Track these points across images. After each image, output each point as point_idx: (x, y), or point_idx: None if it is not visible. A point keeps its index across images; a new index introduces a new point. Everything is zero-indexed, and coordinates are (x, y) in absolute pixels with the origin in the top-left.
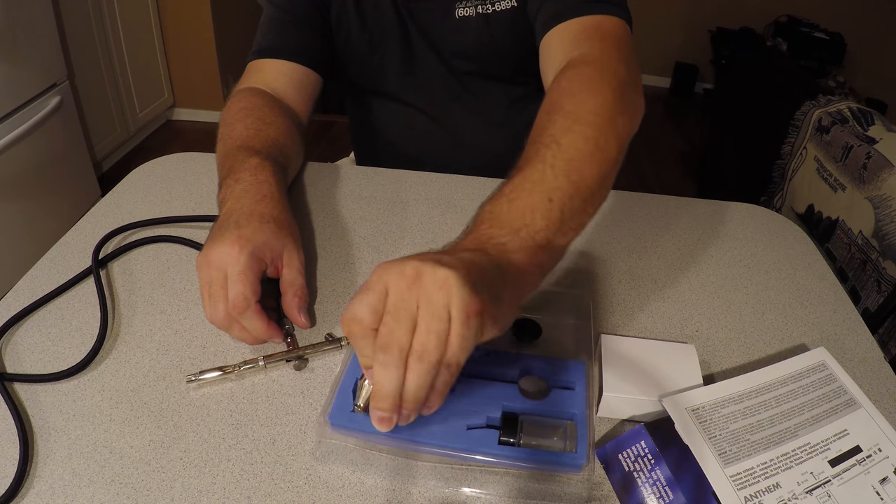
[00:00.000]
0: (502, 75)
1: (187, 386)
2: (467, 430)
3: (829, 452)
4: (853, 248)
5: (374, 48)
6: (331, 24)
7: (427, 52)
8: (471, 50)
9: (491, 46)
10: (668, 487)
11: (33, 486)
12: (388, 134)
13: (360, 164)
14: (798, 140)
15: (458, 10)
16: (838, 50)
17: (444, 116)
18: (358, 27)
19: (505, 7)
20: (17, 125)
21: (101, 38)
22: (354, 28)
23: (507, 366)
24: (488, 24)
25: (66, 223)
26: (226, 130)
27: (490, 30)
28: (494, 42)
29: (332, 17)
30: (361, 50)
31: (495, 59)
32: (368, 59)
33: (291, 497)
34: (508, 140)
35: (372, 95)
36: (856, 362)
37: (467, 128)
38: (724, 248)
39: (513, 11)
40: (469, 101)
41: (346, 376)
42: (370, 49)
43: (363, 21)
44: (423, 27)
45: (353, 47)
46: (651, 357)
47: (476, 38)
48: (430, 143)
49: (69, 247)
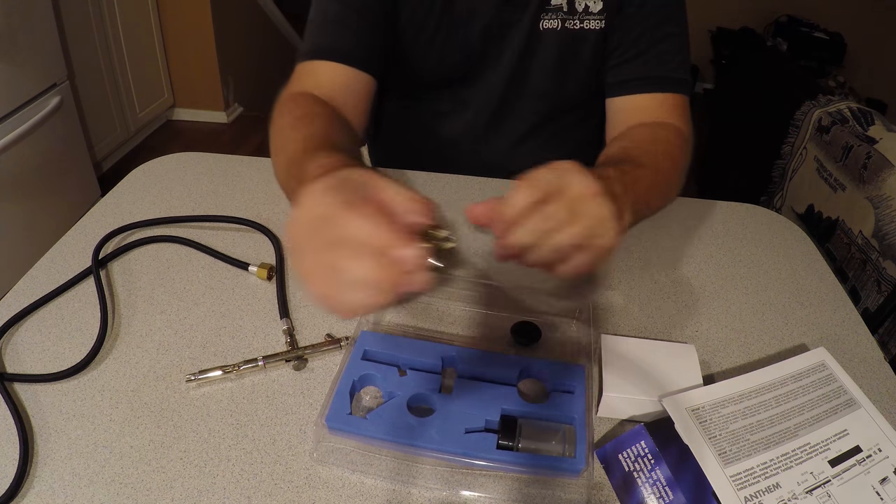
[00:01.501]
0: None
1: (187, 386)
2: (465, 434)
3: (829, 452)
4: (853, 248)
5: (444, 56)
6: (396, 21)
7: (491, 67)
8: (549, 64)
9: (571, 65)
10: (668, 487)
11: (33, 486)
12: (414, 139)
13: (373, 164)
14: (798, 140)
15: (544, 21)
16: (838, 50)
17: (480, 134)
18: (436, 32)
19: (594, 27)
20: (17, 125)
21: (101, 38)
22: (429, 30)
23: (506, 368)
24: (574, 39)
25: (66, 223)
26: (285, 138)
27: (574, 46)
28: (576, 59)
29: (403, 16)
30: (430, 55)
31: (569, 78)
32: (433, 65)
33: (291, 497)
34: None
35: (410, 99)
36: (856, 362)
37: (493, 148)
38: (724, 248)
39: (600, 33)
40: (508, 122)
41: (343, 379)
42: (440, 56)
43: (449, 28)
44: (499, 39)
45: (420, 50)
46: (651, 357)
47: (558, 53)
48: (456, 157)
49: (69, 247)
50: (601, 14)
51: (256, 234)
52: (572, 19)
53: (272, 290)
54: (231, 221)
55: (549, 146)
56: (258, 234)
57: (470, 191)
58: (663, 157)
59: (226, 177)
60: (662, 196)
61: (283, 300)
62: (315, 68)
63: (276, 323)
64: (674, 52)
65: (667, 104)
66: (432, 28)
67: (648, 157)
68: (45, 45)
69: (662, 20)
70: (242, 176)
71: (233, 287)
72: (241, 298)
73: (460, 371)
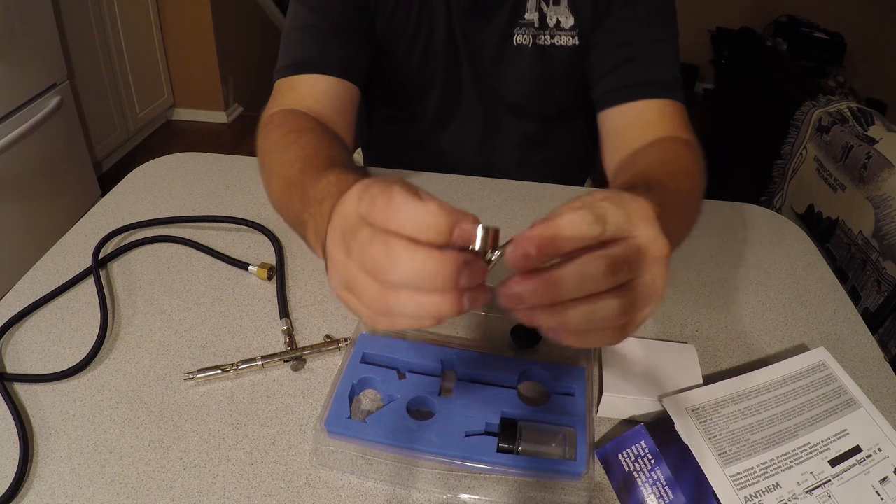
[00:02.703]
0: (535, 109)
1: (187, 386)
2: (465, 437)
3: (829, 452)
4: (853, 248)
5: (421, 67)
6: (375, 33)
7: (469, 77)
8: (523, 80)
9: (543, 81)
10: (668, 487)
11: (33, 486)
12: (402, 149)
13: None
14: (798, 140)
15: (517, 36)
16: (838, 50)
17: (467, 150)
18: (406, 42)
19: (565, 43)
20: (17, 125)
21: (101, 38)
22: (403, 43)
23: (506, 371)
24: (543, 56)
25: (66, 223)
26: (274, 159)
27: (544, 63)
28: (547, 76)
29: (379, 27)
30: (406, 66)
31: (542, 94)
32: (411, 76)
33: (291, 497)
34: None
35: (397, 106)
36: (856, 362)
37: (483, 152)
38: (724, 248)
39: (573, 50)
40: (491, 128)
41: (342, 382)
42: (419, 69)
43: (413, 36)
44: (473, 50)
45: (397, 61)
46: (651, 357)
47: (529, 69)
48: (443, 160)
49: (69, 247)
50: (573, 30)
51: (256, 234)
52: (543, 34)
53: (272, 290)
54: (231, 221)
55: (534, 161)
56: (258, 234)
57: (470, 190)
58: (684, 178)
59: (226, 177)
60: (687, 226)
61: (282, 300)
62: (295, 83)
63: (276, 323)
64: (663, 56)
65: (666, 114)
66: (412, 30)
67: (672, 181)
68: (45, 45)
69: (650, 27)
70: (242, 176)
71: (233, 287)
72: (241, 298)
73: (460, 374)
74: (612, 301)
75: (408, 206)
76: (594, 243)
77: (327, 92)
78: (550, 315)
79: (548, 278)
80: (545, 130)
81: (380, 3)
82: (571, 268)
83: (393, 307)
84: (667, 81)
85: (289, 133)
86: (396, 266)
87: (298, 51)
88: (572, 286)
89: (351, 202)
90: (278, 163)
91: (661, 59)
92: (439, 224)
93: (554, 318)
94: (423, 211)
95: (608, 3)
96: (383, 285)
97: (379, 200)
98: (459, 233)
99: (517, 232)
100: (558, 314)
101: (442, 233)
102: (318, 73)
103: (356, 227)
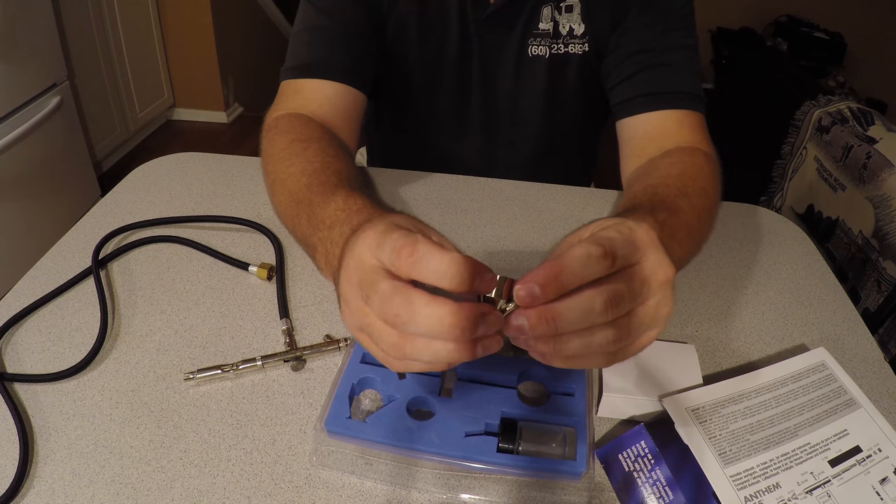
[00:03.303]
0: (544, 118)
1: (187, 386)
2: (465, 437)
3: (828, 452)
4: (853, 248)
5: (431, 74)
6: (385, 36)
7: (479, 86)
8: (535, 90)
9: (554, 90)
10: (668, 487)
11: (33, 486)
12: (406, 153)
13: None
14: (798, 140)
15: (531, 47)
16: (838, 50)
17: (476, 163)
18: (416, 48)
19: (576, 51)
20: (17, 125)
21: (101, 38)
22: (413, 49)
23: (506, 370)
24: (556, 65)
25: (66, 223)
26: (279, 170)
27: (557, 72)
28: (558, 85)
29: (389, 30)
30: (415, 72)
31: (552, 103)
32: (420, 83)
33: (291, 497)
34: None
35: (404, 114)
36: (856, 362)
37: (488, 160)
38: (724, 248)
39: (583, 57)
40: (498, 136)
41: (342, 383)
42: (428, 75)
43: (425, 42)
44: (488, 61)
45: (407, 67)
46: (651, 357)
47: (543, 80)
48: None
49: (69, 247)
50: (584, 37)
51: (256, 234)
52: (557, 44)
53: (272, 290)
54: (231, 221)
55: (540, 168)
56: (258, 234)
57: (471, 190)
58: (698, 196)
59: (226, 177)
60: (697, 245)
61: (282, 300)
62: (300, 87)
63: (276, 323)
64: (683, 64)
65: (685, 124)
66: (423, 37)
67: (683, 200)
68: (45, 45)
69: (669, 32)
70: (242, 176)
71: (233, 287)
72: (241, 298)
73: (460, 374)
74: (610, 331)
75: (433, 257)
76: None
77: (332, 97)
78: (547, 345)
79: (550, 314)
80: (552, 139)
81: (392, 6)
82: (574, 303)
83: (409, 354)
84: (687, 91)
85: (294, 142)
86: (416, 320)
87: (305, 53)
88: (573, 321)
89: (368, 248)
90: (284, 175)
91: (682, 66)
92: (462, 274)
93: (551, 348)
94: (448, 261)
95: (626, 8)
96: (402, 335)
97: (403, 252)
98: (479, 283)
99: (518, 234)
100: (556, 344)
101: (465, 282)
102: (324, 77)
103: (375, 278)
